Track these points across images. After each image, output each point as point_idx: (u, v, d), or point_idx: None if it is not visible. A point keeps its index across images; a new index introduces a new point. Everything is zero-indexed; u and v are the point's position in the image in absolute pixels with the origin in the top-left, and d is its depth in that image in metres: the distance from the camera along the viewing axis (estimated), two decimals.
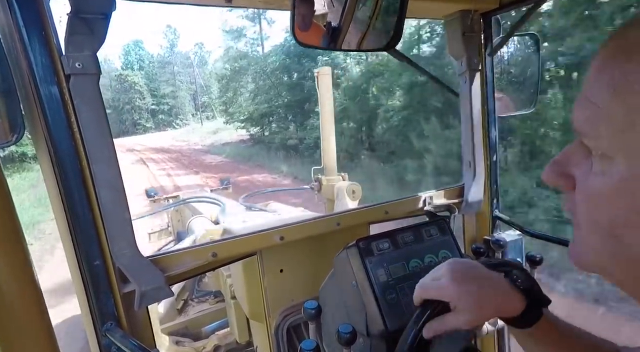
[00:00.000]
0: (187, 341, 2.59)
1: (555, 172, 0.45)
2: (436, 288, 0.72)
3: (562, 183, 0.45)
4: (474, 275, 0.72)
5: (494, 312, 0.72)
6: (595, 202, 0.39)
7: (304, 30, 1.09)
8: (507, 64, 1.65)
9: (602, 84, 0.36)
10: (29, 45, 0.80)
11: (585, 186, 0.41)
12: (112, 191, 0.93)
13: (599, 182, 0.38)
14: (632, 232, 0.37)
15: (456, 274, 0.71)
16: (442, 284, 0.71)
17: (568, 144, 0.45)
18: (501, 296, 0.70)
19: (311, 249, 1.42)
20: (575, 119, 0.40)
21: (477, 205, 1.64)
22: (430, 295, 0.73)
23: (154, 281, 1.01)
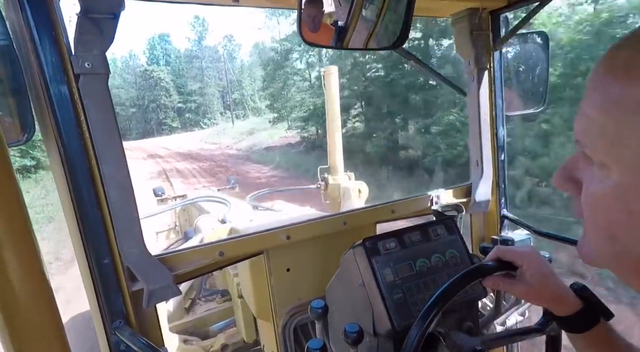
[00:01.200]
0: (195, 339, 2.61)
1: (563, 178, 0.49)
2: (516, 252, 0.80)
3: (569, 188, 0.48)
4: (547, 263, 0.80)
5: (549, 299, 0.78)
6: (595, 206, 0.43)
7: (312, 31, 1.09)
8: (516, 62, 1.64)
9: (595, 100, 0.40)
10: (40, 45, 0.81)
11: (588, 191, 0.44)
12: (120, 191, 0.94)
13: (598, 188, 0.42)
14: (627, 234, 0.41)
15: (536, 252, 0.80)
16: (524, 250, 0.80)
17: (575, 152, 0.48)
18: (561, 290, 0.77)
19: (318, 249, 1.42)
20: (575, 130, 0.44)
21: (485, 204, 1.63)
22: (507, 256, 0.81)
23: (162, 279, 1.02)
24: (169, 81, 64.84)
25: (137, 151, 32.88)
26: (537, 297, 0.79)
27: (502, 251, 0.82)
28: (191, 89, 66.46)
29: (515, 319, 1.51)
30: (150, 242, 1.15)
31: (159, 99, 63.83)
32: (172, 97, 64.48)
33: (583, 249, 0.49)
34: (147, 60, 70.80)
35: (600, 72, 0.40)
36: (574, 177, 0.47)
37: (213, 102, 66.75)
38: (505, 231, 1.71)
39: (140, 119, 67.28)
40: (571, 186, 0.48)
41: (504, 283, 0.81)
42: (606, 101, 0.38)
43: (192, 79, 67.58)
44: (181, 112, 66.23)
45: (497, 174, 1.64)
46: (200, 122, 64.78)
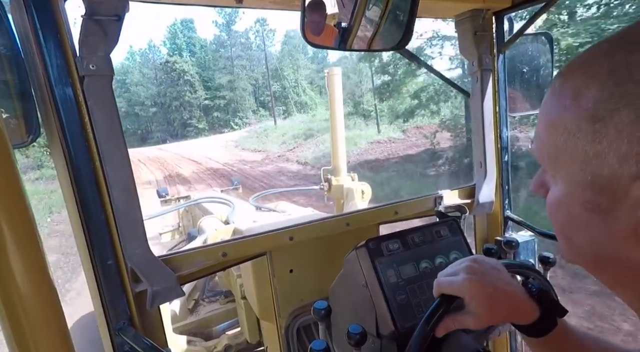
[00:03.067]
0: (199, 340, 2.61)
1: (536, 185, 0.55)
2: (451, 284, 0.73)
3: (541, 193, 0.54)
4: (491, 276, 0.72)
5: (505, 317, 0.72)
6: (551, 211, 0.50)
7: (316, 33, 1.09)
8: (520, 64, 1.64)
9: (541, 120, 0.47)
10: (45, 47, 0.82)
11: (547, 198, 0.51)
12: (124, 192, 0.94)
13: (551, 195, 0.49)
14: (575, 234, 0.48)
15: (473, 273, 0.72)
16: (457, 280, 0.72)
17: None
18: (515, 303, 0.71)
19: (321, 250, 1.42)
20: (532, 144, 0.51)
21: (489, 205, 1.62)
22: (445, 290, 0.73)
23: (165, 280, 1.02)
24: (193, 74, 55.69)
25: (153, 164, 25.06)
26: (491, 321, 0.72)
27: (441, 285, 0.75)
28: (219, 83, 56.48)
29: None
30: (153, 243, 1.16)
31: (183, 95, 55.15)
32: (197, 93, 55.49)
33: (559, 247, 0.55)
34: (168, 51, 61.12)
35: (549, 94, 0.46)
36: (544, 184, 0.53)
37: (245, 97, 56.70)
38: (509, 232, 1.71)
39: (161, 120, 58.97)
40: (543, 191, 0.53)
41: (455, 322, 0.74)
42: (547, 123, 0.46)
43: (220, 71, 57.49)
44: (208, 111, 56.93)
45: (500, 175, 1.64)
46: (230, 122, 55.38)
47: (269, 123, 41.67)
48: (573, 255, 0.51)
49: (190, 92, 55.25)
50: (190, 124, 56.08)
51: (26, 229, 0.55)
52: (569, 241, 0.50)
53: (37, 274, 0.57)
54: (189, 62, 56.69)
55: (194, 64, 57.75)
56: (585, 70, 0.42)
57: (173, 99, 55.75)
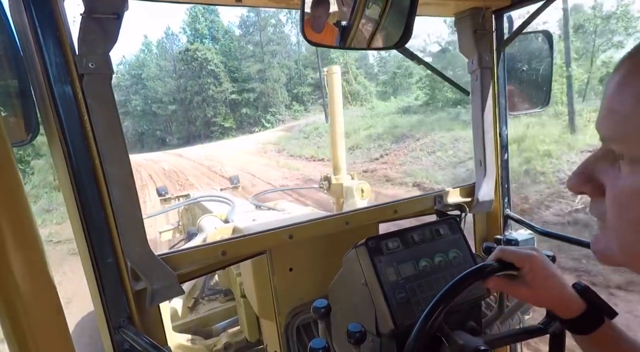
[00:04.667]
0: (198, 338, 2.61)
1: (582, 180, 0.49)
2: (515, 252, 0.79)
3: (589, 190, 0.48)
4: (550, 264, 0.79)
5: (551, 302, 0.78)
6: (626, 201, 0.43)
7: (316, 31, 1.09)
8: (519, 62, 1.63)
9: (626, 95, 0.40)
10: (44, 45, 0.82)
11: (616, 189, 0.44)
12: (123, 190, 0.94)
13: (629, 183, 0.42)
14: None
15: (539, 254, 0.79)
16: (523, 251, 0.79)
17: (591, 154, 0.49)
18: (564, 292, 0.77)
19: (320, 248, 1.42)
20: (602, 128, 0.44)
21: (488, 204, 1.62)
22: (508, 256, 0.79)
23: (165, 278, 1.02)
24: (217, 63, 47.23)
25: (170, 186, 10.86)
26: (539, 300, 0.78)
27: (503, 251, 0.81)
28: (248, 73, 48.12)
29: (519, 318, 1.51)
30: (153, 242, 1.16)
31: (206, 89, 47.28)
32: (222, 86, 47.20)
33: (599, 245, 0.50)
34: (188, 38, 52.36)
35: (629, 69, 0.40)
36: (594, 178, 0.48)
37: (277, 90, 47.36)
38: (508, 230, 1.71)
39: (182, 119, 51.26)
40: (591, 187, 0.48)
41: (506, 285, 0.81)
42: (639, 95, 0.39)
43: (248, 59, 48.92)
44: (235, 107, 48.30)
45: (500, 173, 1.64)
46: (261, 120, 46.45)
47: (312, 119, 32.31)
48: (635, 255, 0.45)
49: (215, 84, 47.26)
50: (214, 123, 48.08)
51: (26, 227, 0.55)
52: (630, 240, 0.44)
53: (36, 273, 0.57)
54: (212, 49, 48.38)
55: (218, 52, 49.06)
56: None
57: (194, 93, 48.31)
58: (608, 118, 0.43)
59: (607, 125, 0.43)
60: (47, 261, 0.59)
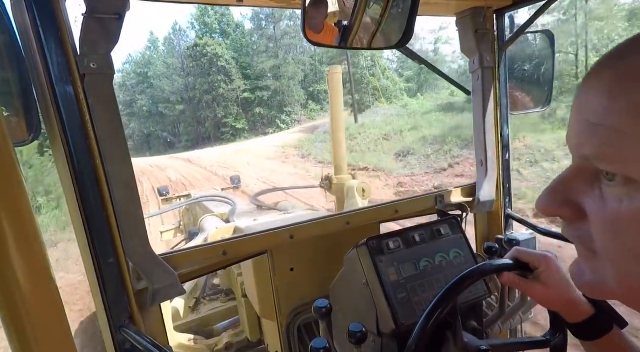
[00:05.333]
0: (200, 338, 2.61)
1: (558, 202, 0.42)
2: (532, 254, 0.82)
3: (567, 213, 0.42)
4: (563, 268, 0.79)
5: (562, 305, 0.79)
6: (626, 228, 0.37)
7: (317, 31, 1.09)
8: (521, 62, 1.63)
9: (617, 109, 0.35)
10: (46, 46, 0.82)
11: (605, 213, 0.38)
12: (125, 190, 0.94)
13: (627, 206, 0.36)
14: None
15: (555, 257, 0.82)
16: (539, 253, 0.82)
17: (563, 172, 0.43)
18: (575, 296, 0.78)
19: (321, 248, 1.42)
20: (583, 145, 0.38)
21: (490, 204, 1.62)
22: (524, 257, 0.82)
23: (166, 278, 1.02)
24: (229, 60, 43.41)
25: None
26: (551, 301, 0.80)
27: (520, 252, 0.84)
28: (261, 70, 44.20)
29: (520, 318, 1.50)
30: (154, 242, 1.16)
31: (216, 87, 43.46)
32: (234, 84, 43.23)
33: (586, 277, 0.44)
34: (197, 33, 49.15)
35: (616, 78, 0.35)
36: (571, 199, 0.42)
37: (292, 88, 43.49)
38: (509, 230, 1.70)
39: (190, 119, 47.82)
40: (568, 209, 0.42)
41: (521, 282, 0.82)
42: (633, 108, 0.33)
43: (261, 55, 44.89)
44: (248, 106, 44.45)
45: (501, 173, 1.64)
46: (276, 120, 42.76)
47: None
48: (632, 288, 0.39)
49: (225, 82, 43.40)
50: (225, 124, 44.10)
51: (27, 226, 0.55)
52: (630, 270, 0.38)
53: (38, 272, 0.57)
54: (222, 44, 45.00)
55: (229, 47, 45.51)
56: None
57: (204, 92, 44.57)
58: (593, 134, 0.37)
59: (593, 142, 0.37)
60: (48, 260, 0.59)
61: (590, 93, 0.37)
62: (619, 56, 0.36)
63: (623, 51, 0.36)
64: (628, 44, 0.37)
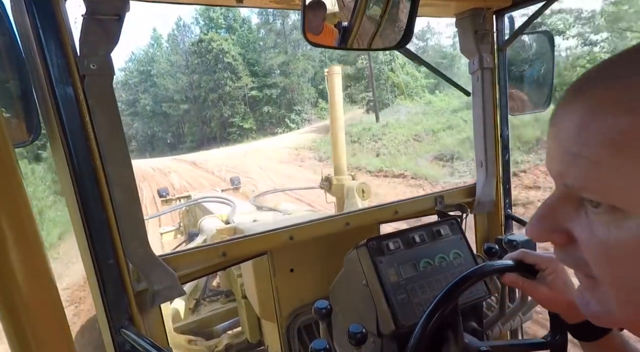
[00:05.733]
0: (199, 339, 2.61)
1: (547, 229, 0.42)
2: (538, 255, 0.81)
3: (556, 239, 0.42)
4: (567, 270, 0.78)
5: (565, 306, 0.78)
6: (617, 257, 0.36)
7: (316, 33, 1.09)
8: (520, 62, 1.63)
9: (592, 140, 0.34)
10: (46, 47, 0.82)
11: (595, 240, 0.37)
12: (125, 191, 0.94)
13: (614, 236, 0.35)
14: None
15: None
16: (546, 254, 0.80)
17: (547, 198, 0.42)
18: None
19: (321, 249, 1.42)
20: (565, 174, 0.38)
21: (489, 204, 1.62)
22: (530, 258, 0.81)
23: (166, 279, 1.02)
24: (235, 55, 41.32)
25: None
26: (554, 303, 0.79)
27: (526, 253, 0.83)
28: (270, 66, 42.16)
29: (520, 319, 1.50)
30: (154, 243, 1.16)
31: (222, 85, 41.54)
32: (241, 81, 41.24)
33: (591, 307, 0.43)
34: (201, 29, 47.14)
35: (583, 110, 0.35)
36: (559, 224, 0.41)
37: (302, 85, 40.65)
38: (509, 231, 1.70)
39: (195, 119, 46.04)
40: (557, 235, 0.42)
41: (524, 283, 0.82)
42: (617, 139, 0.32)
43: (269, 51, 42.63)
44: (256, 105, 42.29)
45: (501, 174, 1.64)
46: (285, 119, 40.23)
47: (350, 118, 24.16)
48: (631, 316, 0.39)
49: (232, 79, 41.21)
50: (232, 124, 41.95)
51: (27, 227, 0.55)
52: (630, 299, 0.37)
53: (37, 272, 0.57)
54: (228, 39, 42.77)
55: (235, 43, 43.05)
56: None
57: (209, 90, 42.70)
58: (573, 164, 0.36)
59: (574, 172, 0.36)
60: (48, 261, 0.59)
61: (565, 121, 0.37)
62: (590, 85, 0.36)
63: (593, 79, 0.36)
64: (598, 70, 0.36)
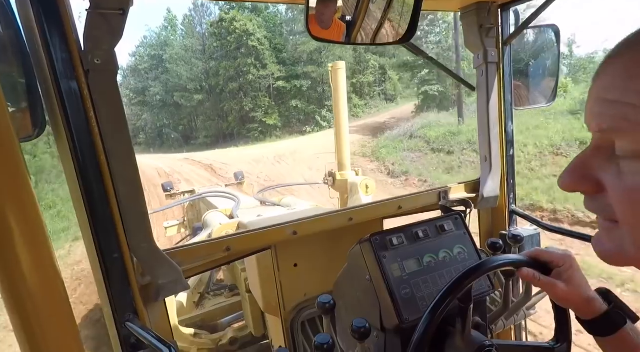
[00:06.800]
0: (204, 333, 2.63)
1: (578, 178, 0.45)
2: (552, 253, 0.83)
3: (586, 187, 0.45)
4: None
5: (579, 303, 0.79)
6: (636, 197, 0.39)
7: (324, 28, 1.09)
8: (526, 56, 1.62)
9: (634, 88, 0.37)
10: (50, 42, 0.82)
11: (623, 186, 0.41)
12: (129, 186, 0.95)
13: None
14: None
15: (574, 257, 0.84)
16: (561, 252, 0.83)
17: (581, 152, 0.46)
18: (590, 293, 0.79)
19: (325, 244, 1.42)
20: (602, 120, 0.41)
21: (494, 200, 1.62)
22: (545, 256, 0.84)
23: (170, 274, 1.03)
24: (261, 39, 34.66)
25: None
26: (570, 299, 0.80)
27: (541, 251, 0.85)
28: (300, 53, 34.29)
29: (524, 314, 1.50)
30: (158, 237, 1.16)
31: (245, 73, 34.93)
32: (267, 69, 34.66)
33: (604, 245, 0.47)
34: (221, 8, 39.43)
35: (630, 62, 0.38)
36: (590, 174, 0.45)
37: None
38: (513, 226, 1.70)
39: (210, 112, 39.60)
40: (588, 184, 0.45)
41: (541, 279, 0.82)
42: None
43: (300, 36, 34.80)
44: (282, 98, 35.55)
45: (506, 169, 1.63)
46: (315, 116, 32.93)
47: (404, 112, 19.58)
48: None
49: (256, 67, 34.59)
50: (253, 119, 34.94)
51: (33, 221, 0.56)
52: None
53: (44, 267, 0.58)
54: (253, 20, 35.68)
55: (261, 25, 35.92)
56: None
57: (229, 79, 36.27)
58: (610, 109, 0.40)
59: (611, 115, 0.40)
60: (54, 253, 0.60)
61: (609, 75, 0.40)
62: (633, 43, 0.39)
63: (635, 40, 0.39)
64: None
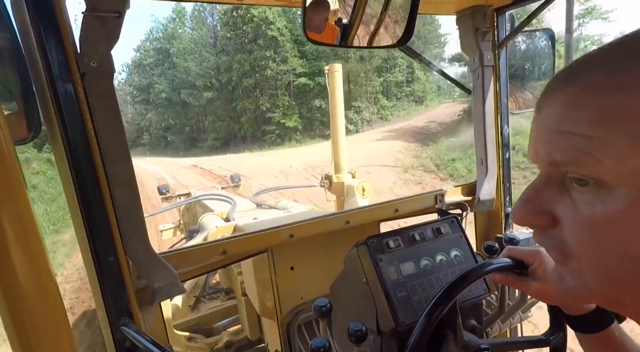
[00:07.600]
0: (200, 337, 2.62)
1: (531, 212, 0.44)
2: (526, 250, 0.82)
3: (541, 221, 0.43)
4: None
5: (557, 299, 0.78)
6: (599, 229, 0.38)
7: (317, 31, 1.09)
8: (521, 60, 1.63)
9: (586, 118, 0.36)
10: (46, 44, 0.82)
11: (580, 219, 0.39)
12: (125, 189, 0.94)
13: (600, 210, 0.37)
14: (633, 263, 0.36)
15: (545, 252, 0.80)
16: (531, 248, 0.81)
17: (532, 183, 0.44)
18: None
19: (322, 247, 1.42)
20: (554, 152, 0.39)
21: (490, 203, 1.62)
22: (517, 253, 0.82)
23: (166, 277, 1.02)
24: (282, 29, 30.37)
25: None
26: (548, 295, 0.79)
27: (512, 250, 0.84)
28: (324, 47, 13.43)
29: (520, 317, 1.50)
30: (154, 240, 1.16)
31: (262, 67, 31.01)
32: (287, 64, 30.43)
33: (566, 282, 0.45)
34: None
35: (578, 91, 0.37)
36: (544, 207, 0.43)
37: (369, 75, 30.56)
38: (509, 229, 1.71)
39: (221, 112, 35.57)
40: (542, 217, 0.43)
41: (514, 280, 0.82)
42: (606, 116, 0.35)
43: None
44: (303, 97, 31.33)
45: (501, 172, 1.64)
46: None
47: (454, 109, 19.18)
48: (630, 285, 0.38)
49: (275, 60, 30.53)
50: (270, 120, 31.04)
51: (27, 224, 0.56)
52: (635, 263, 0.37)
53: (38, 270, 0.58)
54: (273, 8, 29.44)
55: (281, 14, 31.14)
56: None
57: (243, 74, 32.07)
58: (564, 141, 0.38)
59: (565, 148, 0.38)
60: (48, 256, 0.59)
61: (554, 106, 0.39)
62: (582, 70, 0.38)
63: (584, 66, 0.39)
64: (587, 60, 0.39)
